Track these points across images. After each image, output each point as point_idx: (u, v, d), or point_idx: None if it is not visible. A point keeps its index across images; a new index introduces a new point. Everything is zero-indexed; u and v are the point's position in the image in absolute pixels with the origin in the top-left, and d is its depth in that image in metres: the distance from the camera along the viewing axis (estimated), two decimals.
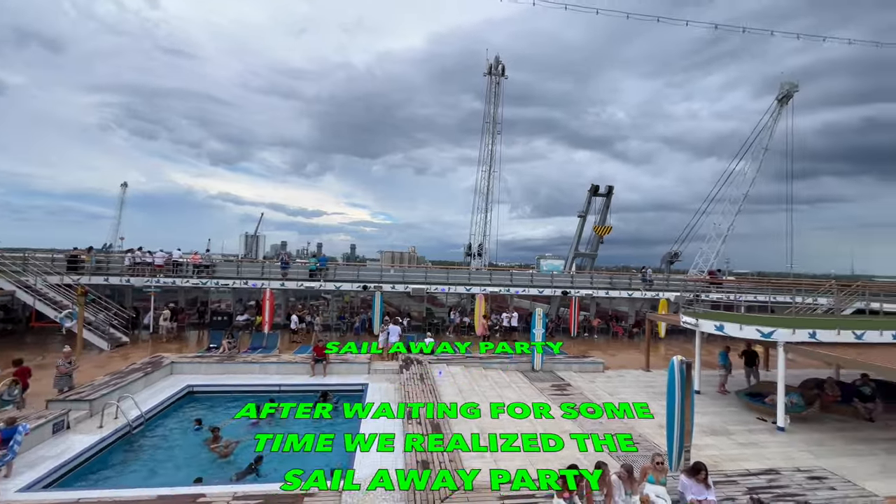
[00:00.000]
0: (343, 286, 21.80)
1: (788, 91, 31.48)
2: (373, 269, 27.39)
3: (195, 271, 21.38)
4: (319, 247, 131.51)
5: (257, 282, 20.97)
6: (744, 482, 7.13)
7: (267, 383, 12.61)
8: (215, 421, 9.84)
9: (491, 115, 35.13)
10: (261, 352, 15.92)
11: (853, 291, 18.21)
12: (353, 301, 25.11)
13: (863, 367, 9.67)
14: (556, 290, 23.36)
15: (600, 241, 36.32)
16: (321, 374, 13.31)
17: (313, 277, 21.68)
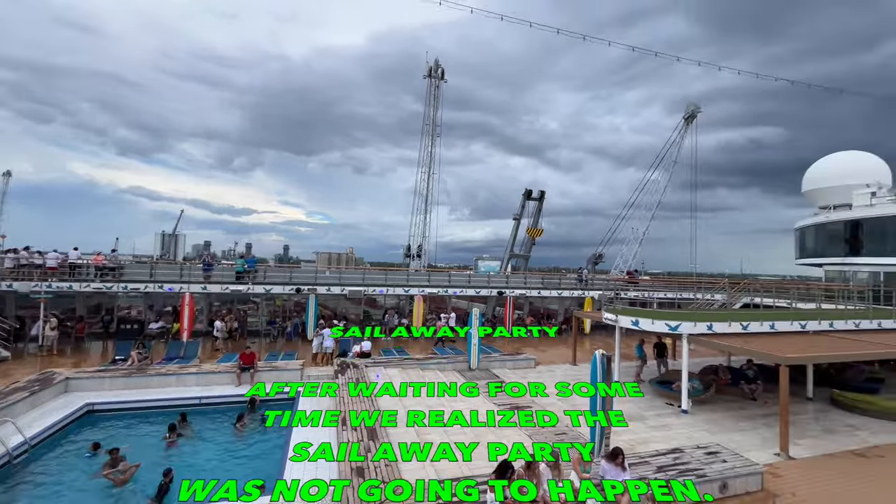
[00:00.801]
0: (274, 289, 20.62)
1: (693, 111, 35.50)
2: (307, 271, 26.27)
3: (98, 274, 18.94)
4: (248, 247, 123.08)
5: (175, 285, 19.09)
6: (654, 462, 7.90)
7: (185, 396, 11.53)
8: (120, 443, 8.79)
9: (430, 118, 35.41)
10: (178, 362, 14.53)
11: (741, 289, 21.00)
12: (285, 304, 23.85)
13: (748, 353, 11.17)
14: (492, 290, 24.10)
15: (533, 243, 38.13)
16: (248, 383, 12.48)
17: (241, 280, 20.25)
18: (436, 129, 35.32)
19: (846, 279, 22.34)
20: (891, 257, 19.87)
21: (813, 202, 25.78)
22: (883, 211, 20.53)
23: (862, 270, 21.53)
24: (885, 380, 14.87)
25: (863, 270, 21.48)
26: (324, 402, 11.26)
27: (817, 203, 25.31)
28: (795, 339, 12.10)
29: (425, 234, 36.03)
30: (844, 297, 19.37)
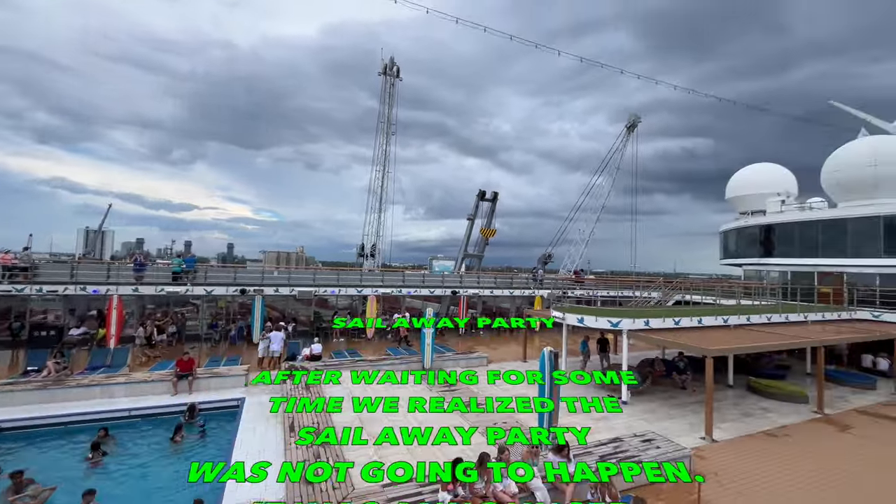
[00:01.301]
0: (216, 290, 19.41)
1: (634, 121, 37.90)
2: (254, 271, 25.00)
3: (6, 275, 16.82)
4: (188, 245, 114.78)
5: (100, 287, 17.38)
6: (597, 451, 8.38)
7: (111, 409, 10.54)
8: (34, 465, 7.86)
9: (385, 116, 34.94)
10: (103, 371, 13.26)
11: (674, 287, 22.77)
12: (229, 307, 22.54)
13: (679, 346, 12.17)
14: (446, 289, 24.28)
15: (487, 243, 38.81)
16: (186, 391, 11.68)
17: (178, 281, 18.85)
18: (391, 128, 34.93)
19: (761, 278, 24.95)
20: (797, 258, 22.46)
21: (735, 208, 28.48)
22: (790, 217, 23.16)
23: (774, 270, 24.15)
24: (791, 367, 16.83)
25: (774, 270, 24.10)
26: (269, 407, 10.80)
27: (738, 209, 28.00)
28: (719, 333, 13.35)
29: (380, 234, 35.52)
30: (759, 293, 21.62)
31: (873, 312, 17.86)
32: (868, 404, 13.18)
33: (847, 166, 21.69)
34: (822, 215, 21.78)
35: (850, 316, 17.79)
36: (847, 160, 21.84)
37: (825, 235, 21.25)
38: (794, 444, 9.93)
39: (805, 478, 8.27)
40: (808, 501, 7.42)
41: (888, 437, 10.65)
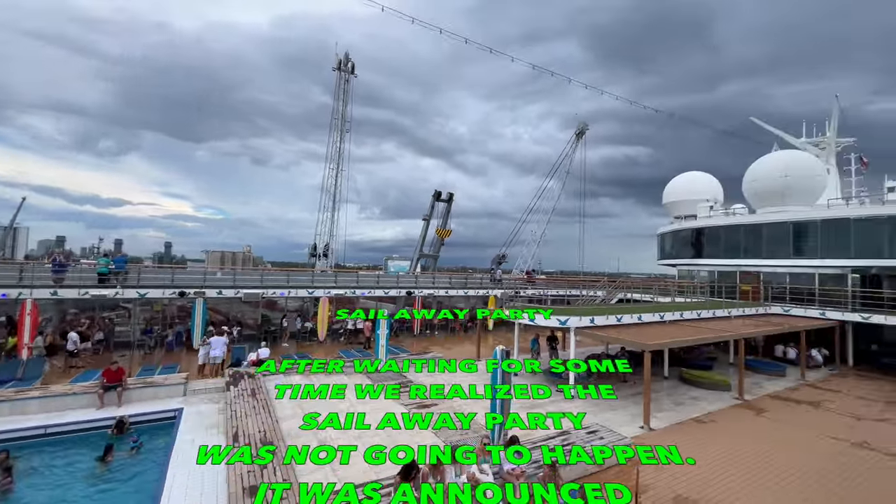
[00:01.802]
0: (151, 293, 17.96)
1: (582, 128, 39.84)
2: (195, 272, 23.42)
3: None
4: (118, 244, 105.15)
5: (10, 290, 15.48)
6: (546, 444, 8.73)
7: (22, 427, 9.40)
8: None
9: (340, 112, 34.10)
10: (13, 385, 11.83)
11: (617, 286, 24.19)
12: (166, 310, 20.94)
13: (621, 342, 12.95)
14: (401, 290, 24.14)
15: (442, 243, 39.05)
16: (115, 403, 10.70)
17: (105, 283, 17.22)
18: (345, 125, 34.15)
19: (692, 277, 27.19)
20: (722, 259, 24.70)
21: (670, 213, 30.80)
22: (717, 221, 25.43)
23: (703, 270, 26.40)
24: (717, 358, 18.47)
25: (703, 270, 26.35)
26: (211, 417, 10.19)
27: (673, 213, 30.32)
28: (656, 328, 14.37)
29: (333, 233, 34.59)
30: (691, 291, 23.52)
31: (784, 307, 20.05)
32: (779, 390, 14.78)
33: (762, 177, 24.18)
34: (743, 220, 24.11)
35: (766, 311, 19.84)
36: (762, 171, 24.35)
37: (745, 239, 23.56)
38: (718, 429, 10.91)
39: (727, 458, 9.12)
40: (729, 479, 8.19)
41: (795, 417, 12.00)
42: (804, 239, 21.21)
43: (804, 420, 11.80)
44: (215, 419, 10.08)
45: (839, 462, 9.19)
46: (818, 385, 15.57)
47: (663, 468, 8.51)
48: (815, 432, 10.86)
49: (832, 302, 19.40)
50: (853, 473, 8.68)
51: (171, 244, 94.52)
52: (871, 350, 18.98)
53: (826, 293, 19.96)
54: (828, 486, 8.08)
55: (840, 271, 19.99)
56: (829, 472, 8.70)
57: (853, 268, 19.59)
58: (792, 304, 20.10)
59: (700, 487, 7.85)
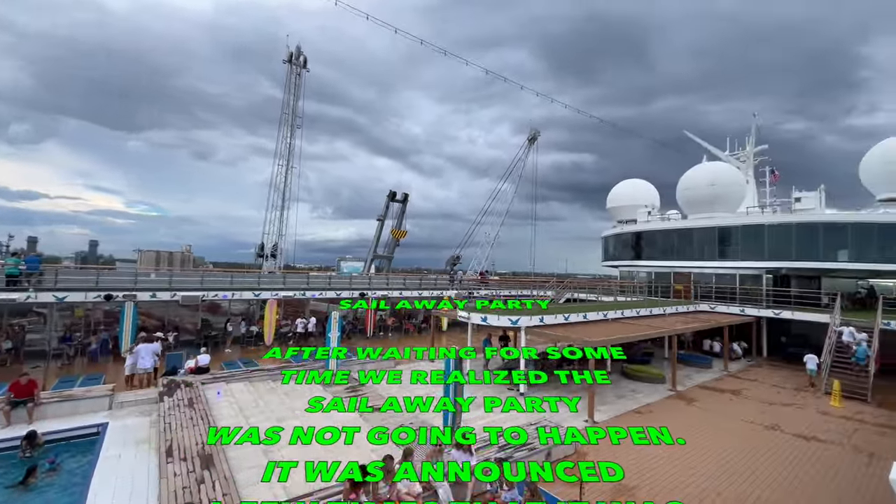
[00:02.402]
0: (72, 296, 16.23)
1: (534, 134, 41.28)
2: (125, 273, 21.48)
3: None
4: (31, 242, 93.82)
5: None
6: (497, 445, 8.93)
7: None
8: None
9: (291, 107, 32.82)
10: None
11: (565, 286, 25.29)
12: (89, 316, 19.03)
13: (568, 340, 13.53)
14: (354, 291, 23.64)
15: (397, 244, 38.78)
16: (25, 420, 9.54)
17: (15, 285, 15.34)
18: (296, 120, 32.92)
19: (632, 277, 29.06)
20: (658, 261, 26.63)
21: (613, 217, 32.73)
22: (654, 226, 27.39)
23: (642, 270, 28.30)
24: (654, 353, 19.83)
25: (642, 270, 28.25)
26: (140, 431, 9.39)
27: (616, 218, 32.24)
28: (600, 326, 15.19)
29: (282, 233, 33.18)
30: (631, 291, 25.10)
31: (711, 305, 21.98)
32: (707, 380, 16.17)
33: (693, 186, 26.37)
34: (676, 225, 26.14)
35: (696, 308, 21.63)
36: (693, 181, 26.56)
37: (678, 242, 25.56)
38: (655, 419, 11.74)
39: (662, 446, 9.83)
40: (663, 464, 8.84)
41: (719, 405, 13.19)
42: (727, 243, 23.39)
43: (727, 407, 13.00)
44: (146, 433, 9.29)
45: (754, 443, 10.22)
46: (738, 375, 17.22)
47: (604, 459, 9.01)
48: (735, 418, 12.00)
49: (750, 300, 21.55)
50: (764, 451, 9.71)
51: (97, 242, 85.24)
52: (782, 342, 21.30)
53: (745, 292, 22.12)
54: (744, 464, 8.97)
55: (756, 272, 22.25)
56: (746, 451, 9.66)
57: (767, 269, 21.88)
58: (717, 302, 22.08)
59: (638, 474, 8.41)
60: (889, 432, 11.25)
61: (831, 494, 8.01)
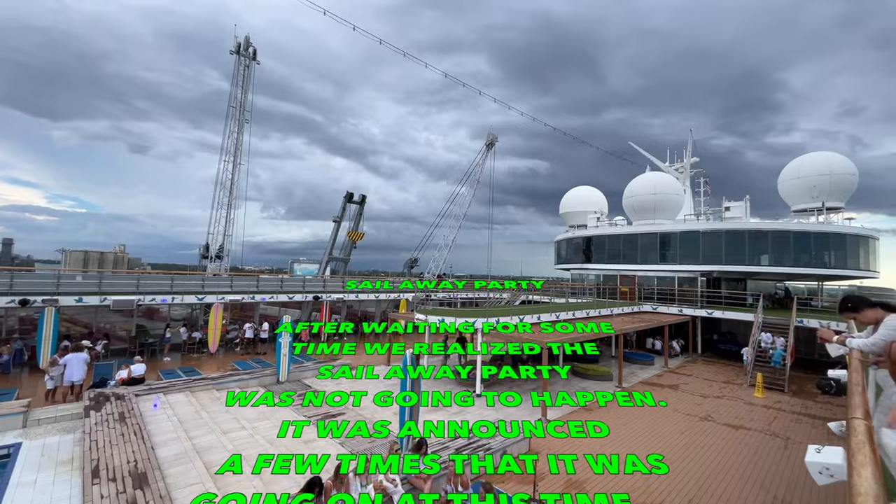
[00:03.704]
0: None
1: (492, 140, 42.12)
2: (45, 275, 19.33)
3: None
4: None
5: None
6: (453, 445, 8.96)
7: None
8: None
9: (239, 100, 31.22)
10: None
11: (520, 289, 25.94)
12: (0, 323, 16.96)
13: (523, 340, 13.88)
14: (307, 295, 22.85)
15: (354, 246, 37.98)
16: None
17: None
18: (245, 114, 31.35)
19: (583, 280, 30.41)
20: (606, 264, 28.09)
21: (566, 222, 34.12)
22: (602, 231, 28.88)
23: (591, 273, 29.71)
24: (602, 352, 20.84)
25: (592, 273, 29.66)
26: (62, 451, 8.47)
27: (568, 223, 33.65)
28: (553, 328, 15.71)
29: (228, 232, 31.39)
30: (582, 293, 26.23)
31: (653, 306, 23.47)
32: (649, 377, 17.22)
33: (637, 193, 28.09)
34: (622, 231, 27.71)
35: (640, 309, 23.01)
36: (637, 189, 28.29)
37: (624, 247, 27.09)
38: (602, 415, 12.31)
39: (607, 440, 10.34)
40: (608, 458, 9.29)
41: (660, 399, 14.08)
42: (668, 248, 25.12)
43: (667, 401, 13.90)
44: (69, 453, 8.40)
45: (690, 434, 11.02)
46: (676, 371, 18.50)
47: (558, 453, 9.32)
48: (674, 411, 12.87)
49: (687, 301, 23.26)
50: (700, 441, 10.49)
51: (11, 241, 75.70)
52: (713, 339, 23.19)
53: (683, 293, 23.85)
54: (682, 452, 9.64)
55: (692, 275, 24.07)
56: (684, 442, 10.39)
57: (701, 272, 23.74)
58: (659, 303, 23.63)
59: (586, 470, 8.77)
60: (803, 419, 12.56)
61: (757, 476, 8.80)
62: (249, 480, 7.49)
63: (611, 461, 9.17)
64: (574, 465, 8.87)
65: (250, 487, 7.22)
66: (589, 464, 9.00)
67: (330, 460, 8.27)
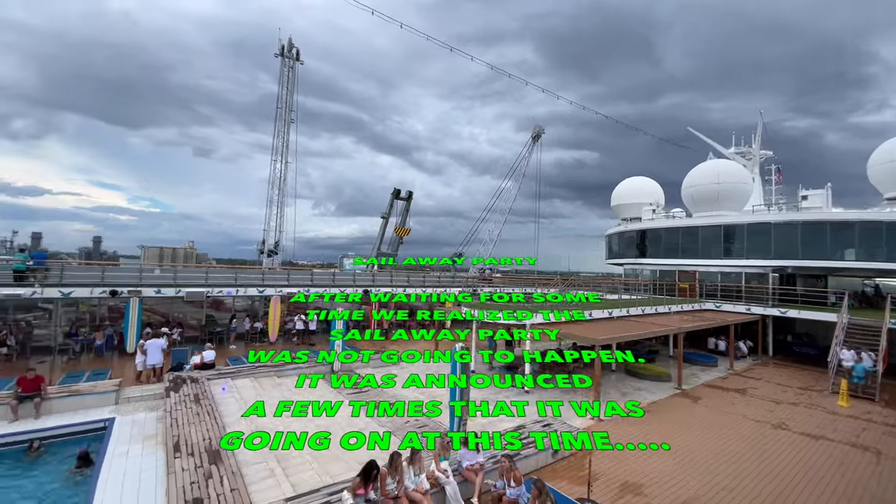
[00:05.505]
0: (77, 291, 16.25)
1: (538, 132, 41.08)
2: (129, 269, 21.54)
3: None
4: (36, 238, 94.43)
5: None
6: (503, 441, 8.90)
7: None
8: None
9: (284, 101, 32.67)
10: None
11: (569, 284, 25.20)
12: (94, 311, 19.10)
13: (573, 337, 13.48)
14: (357, 289, 23.61)
15: (401, 241, 38.79)
16: (32, 415, 9.60)
17: (22, 281, 15.37)
18: (290, 114, 32.74)
19: (637, 275, 28.95)
20: (662, 259, 26.51)
21: (618, 214, 32.61)
22: (658, 224, 27.27)
23: (646, 269, 28.20)
24: (659, 351, 19.77)
25: (647, 269, 28.15)
26: (148, 426, 9.42)
27: (620, 216, 32.12)
28: (605, 324, 15.12)
29: (281, 229, 33.17)
30: (636, 289, 25.00)
31: (716, 303, 21.87)
32: (712, 379, 16.10)
33: (698, 183, 26.21)
34: (681, 223, 26.00)
35: (701, 307, 21.53)
36: (698, 178, 26.39)
37: (683, 240, 25.43)
38: (660, 417, 11.69)
39: (668, 443, 9.78)
40: (670, 462, 8.79)
41: (725, 404, 13.11)
42: (733, 241, 23.25)
43: (733, 406, 12.92)
44: (153, 428, 9.33)
45: (762, 442, 10.16)
46: (744, 374, 17.14)
47: (611, 456, 8.97)
48: (742, 417, 11.93)
49: (756, 298, 21.42)
50: (773, 450, 9.64)
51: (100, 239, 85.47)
52: (787, 340, 21.20)
53: (750, 290, 21.99)
54: (753, 461, 8.91)
55: (762, 270, 22.12)
56: (755, 451, 9.60)
57: (773, 267, 21.75)
58: (723, 301, 21.97)
59: (645, 472, 8.36)
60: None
61: (843, 489, 7.95)
62: (309, 463, 7.89)
63: (668, 464, 8.68)
64: (630, 467, 8.49)
65: (310, 470, 7.61)
66: (646, 467, 8.57)
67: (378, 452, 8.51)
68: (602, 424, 10.91)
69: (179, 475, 6.82)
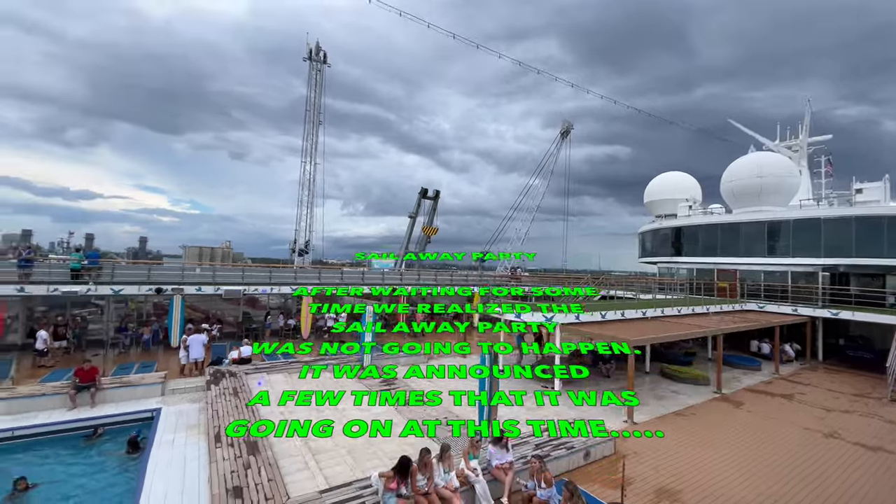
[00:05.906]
0: (126, 289, 17.30)
1: (567, 128, 40.25)
2: (172, 268, 22.70)
3: None
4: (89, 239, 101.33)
5: None
6: (533, 440, 8.79)
7: None
8: None
9: (313, 103, 33.42)
10: None
11: (600, 283, 24.55)
12: (141, 307, 20.28)
13: (605, 338, 13.14)
14: (386, 287, 23.92)
15: (428, 240, 39.01)
16: (88, 404, 10.29)
17: (78, 279, 16.52)
18: (318, 116, 33.48)
19: (672, 274, 27.85)
20: (700, 257, 25.36)
21: (651, 211, 31.45)
22: (695, 221, 26.10)
23: (682, 267, 27.07)
24: (696, 353, 18.96)
25: (683, 267, 27.02)
26: (191, 417, 9.91)
27: (654, 212, 30.96)
28: (638, 324, 14.63)
29: (311, 228, 34.04)
30: (671, 288, 24.08)
31: (759, 304, 20.74)
32: (755, 383, 15.29)
33: (739, 177, 24.90)
34: (720, 220, 24.79)
35: (742, 307, 20.47)
36: (739, 172, 25.07)
37: (723, 238, 24.24)
38: (699, 421, 11.21)
39: (707, 450, 9.37)
40: (708, 470, 8.42)
41: (770, 410, 12.42)
42: (778, 238, 21.95)
43: (779, 412, 12.22)
44: (196, 419, 9.80)
45: (811, 451, 9.55)
46: (790, 378, 16.17)
47: (645, 461, 8.69)
48: (789, 424, 11.27)
49: (803, 299, 20.15)
50: (825, 461, 9.05)
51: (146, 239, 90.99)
52: (839, 344, 19.82)
53: (798, 290, 20.71)
54: (801, 471, 8.39)
55: (811, 269, 20.78)
56: (804, 460, 9.04)
57: (823, 266, 20.38)
58: (766, 301, 20.81)
59: (681, 478, 8.04)
60: None
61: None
62: (343, 458, 8.06)
63: (707, 471, 8.31)
64: (666, 472, 8.19)
65: (343, 464, 7.78)
66: (683, 472, 8.24)
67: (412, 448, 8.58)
68: (636, 426, 10.58)
69: (220, 464, 7.13)
